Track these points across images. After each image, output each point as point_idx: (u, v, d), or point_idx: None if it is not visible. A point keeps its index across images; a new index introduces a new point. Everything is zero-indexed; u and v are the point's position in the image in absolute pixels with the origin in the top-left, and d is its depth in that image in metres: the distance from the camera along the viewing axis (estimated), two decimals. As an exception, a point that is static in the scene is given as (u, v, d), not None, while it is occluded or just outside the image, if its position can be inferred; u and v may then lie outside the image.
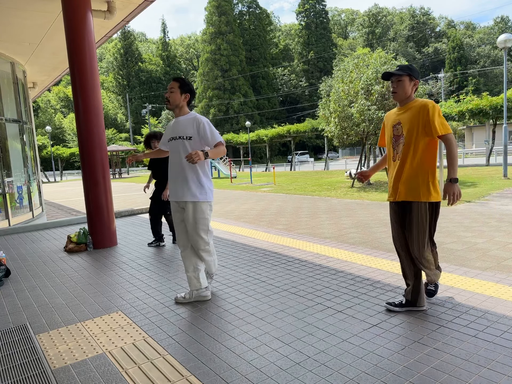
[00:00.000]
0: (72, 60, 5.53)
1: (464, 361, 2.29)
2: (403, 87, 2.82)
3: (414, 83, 2.83)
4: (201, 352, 2.58)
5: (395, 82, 2.83)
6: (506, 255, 4.52)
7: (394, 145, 2.93)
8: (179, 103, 3.24)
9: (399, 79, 2.82)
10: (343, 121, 13.19)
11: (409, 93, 2.83)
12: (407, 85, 2.81)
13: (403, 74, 2.80)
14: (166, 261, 4.82)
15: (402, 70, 2.82)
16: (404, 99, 2.86)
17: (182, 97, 3.23)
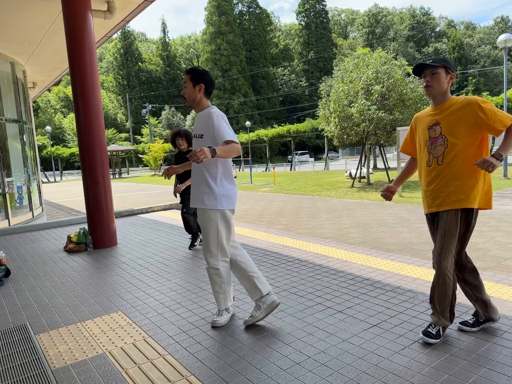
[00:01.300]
0: (72, 60, 5.53)
1: (464, 361, 2.29)
2: (439, 80, 2.52)
3: (450, 77, 2.56)
4: (201, 352, 2.58)
5: (429, 75, 2.55)
6: (506, 255, 4.52)
7: (430, 148, 2.60)
8: (194, 97, 2.86)
9: (434, 71, 2.53)
10: (343, 121, 13.19)
11: (445, 87, 2.55)
12: (443, 78, 2.53)
13: (439, 65, 2.52)
14: (166, 261, 4.82)
15: (437, 62, 2.55)
16: (440, 94, 2.56)
17: (196, 89, 2.85)
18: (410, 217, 7.20)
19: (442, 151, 2.54)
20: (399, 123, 12.50)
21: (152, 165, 33.97)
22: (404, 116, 12.56)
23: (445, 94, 2.58)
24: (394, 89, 12.46)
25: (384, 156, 16.33)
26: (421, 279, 3.67)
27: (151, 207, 9.27)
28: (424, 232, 5.89)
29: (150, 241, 6.05)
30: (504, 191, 10.00)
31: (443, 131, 2.54)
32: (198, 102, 2.88)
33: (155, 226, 7.26)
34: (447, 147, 2.52)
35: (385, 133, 13.08)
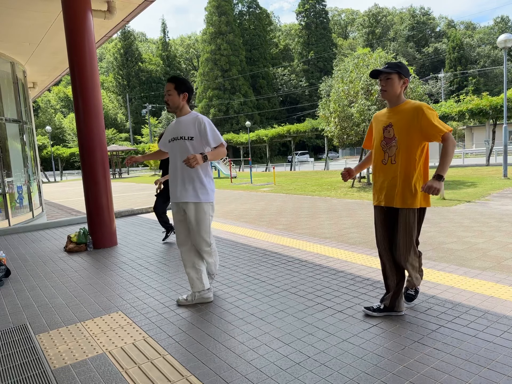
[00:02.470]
0: (72, 60, 5.53)
1: (464, 361, 2.29)
2: (392, 85, 2.71)
3: (403, 81, 2.74)
4: (201, 352, 2.58)
5: (384, 80, 2.73)
6: (506, 255, 4.52)
7: (385, 147, 2.81)
8: (178, 104, 3.16)
9: (388, 77, 2.72)
10: (343, 121, 13.19)
11: (398, 92, 2.74)
12: (396, 83, 2.71)
13: (392, 72, 2.69)
14: (166, 261, 4.82)
15: (390, 67, 2.71)
16: (394, 98, 2.76)
17: (181, 97, 3.15)
18: (410, 217, 7.19)
19: (394, 151, 2.76)
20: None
21: (152, 165, 33.95)
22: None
23: (398, 98, 2.77)
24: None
25: (384, 156, 16.30)
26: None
27: (151, 207, 9.26)
28: (424, 232, 5.89)
29: (150, 241, 6.05)
30: (504, 191, 10.00)
31: (395, 133, 2.75)
32: (182, 108, 3.19)
33: (155, 226, 7.26)
34: (397, 148, 2.75)
35: (385, 133, 13.07)
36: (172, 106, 3.15)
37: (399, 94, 2.75)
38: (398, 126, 2.73)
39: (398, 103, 2.78)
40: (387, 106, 2.87)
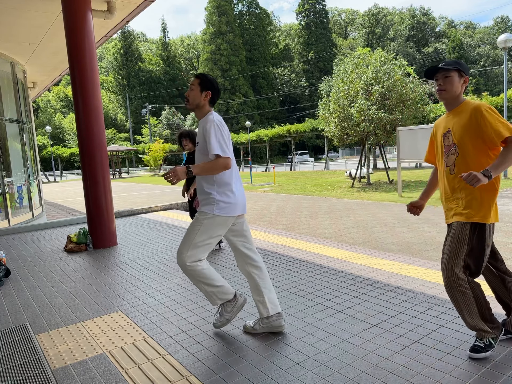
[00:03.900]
0: (72, 60, 5.53)
1: (464, 361, 2.29)
2: (452, 83, 2.40)
3: (464, 80, 2.45)
4: (201, 352, 2.58)
5: (442, 78, 2.44)
6: (506, 255, 4.52)
7: (444, 157, 2.49)
8: (199, 102, 2.74)
9: (447, 75, 2.42)
10: (343, 121, 13.19)
11: (458, 91, 2.43)
12: (457, 81, 2.42)
13: (451, 69, 2.41)
14: (166, 261, 4.82)
15: (449, 64, 2.44)
16: (453, 98, 2.45)
17: (203, 95, 2.74)
18: (410, 217, 7.20)
19: (453, 160, 2.43)
20: (399, 123, 12.50)
21: (152, 165, 33.98)
22: (404, 116, 12.57)
23: (457, 98, 2.46)
24: (394, 89, 12.47)
25: (384, 156, 16.34)
26: (421, 279, 3.67)
27: (151, 207, 9.27)
28: (424, 232, 5.89)
29: (150, 241, 6.05)
30: (504, 191, 10.00)
31: (454, 139, 2.43)
32: (201, 107, 2.77)
33: (155, 226, 7.26)
34: (457, 155, 2.41)
35: (385, 133, 13.09)
36: (192, 102, 2.76)
37: (459, 95, 2.46)
38: (457, 130, 2.42)
39: (456, 104, 2.47)
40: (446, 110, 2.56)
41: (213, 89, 2.77)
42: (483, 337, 2.35)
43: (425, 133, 9.84)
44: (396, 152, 13.00)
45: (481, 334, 2.34)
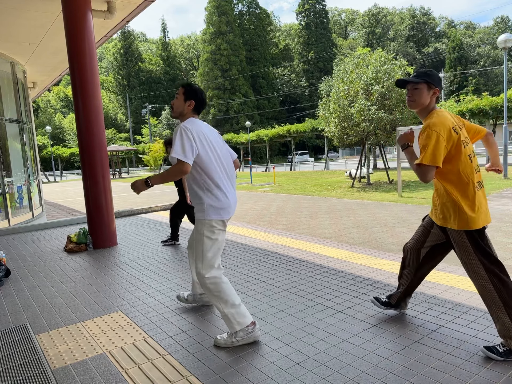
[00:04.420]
0: (72, 60, 5.53)
1: (464, 361, 2.29)
2: (420, 95, 2.44)
3: (433, 92, 2.45)
4: (201, 352, 2.58)
5: (411, 90, 2.48)
6: (506, 255, 4.52)
7: None
8: (182, 110, 2.82)
9: (415, 87, 2.46)
10: (343, 121, 13.19)
11: (427, 103, 2.45)
12: (425, 93, 2.44)
13: (420, 81, 2.44)
14: (166, 261, 4.82)
15: (418, 76, 2.47)
16: (422, 109, 2.48)
17: (186, 104, 2.81)
18: (410, 217, 7.20)
19: None
20: (399, 123, 12.51)
21: (152, 165, 33.98)
22: (404, 116, 12.56)
23: (427, 109, 2.48)
24: (394, 89, 12.47)
25: (384, 156, 16.34)
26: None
27: (151, 207, 9.27)
28: (424, 232, 5.89)
29: (150, 241, 6.05)
30: (504, 191, 10.00)
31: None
32: (184, 115, 2.84)
33: (155, 226, 7.26)
34: None
35: (385, 133, 13.09)
36: (176, 110, 2.86)
37: (429, 105, 2.47)
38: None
39: (427, 114, 2.49)
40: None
41: (196, 99, 2.83)
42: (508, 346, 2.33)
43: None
44: (396, 152, 13.00)
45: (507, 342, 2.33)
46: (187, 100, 2.82)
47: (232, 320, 2.62)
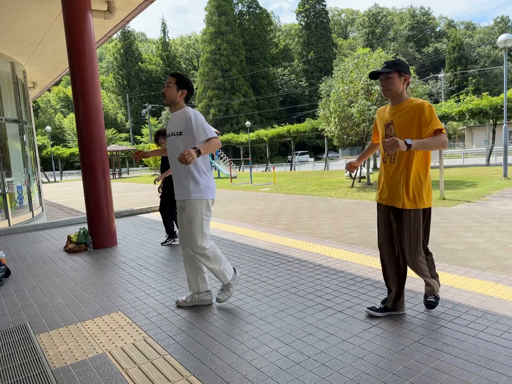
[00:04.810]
0: (72, 60, 5.53)
1: (464, 361, 2.29)
2: (393, 83, 2.70)
3: (404, 78, 2.72)
4: (201, 352, 2.58)
5: (384, 80, 2.72)
6: (506, 255, 4.52)
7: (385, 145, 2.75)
8: (175, 98, 3.09)
9: (388, 76, 2.70)
10: (343, 121, 13.19)
11: (400, 89, 2.72)
12: (397, 81, 2.70)
13: (391, 71, 2.69)
14: (166, 261, 4.82)
15: (389, 67, 2.70)
16: (396, 96, 2.74)
17: (179, 93, 3.09)
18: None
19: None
20: (399, 123, 12.49)
21: (152, 165, 33.97)
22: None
23: (401, 95, 2.75)
24: (394, 89, 12.46)
25: (384, 156, 16.30)
26: (421, 279, 3.67)
27: (151, 207, 9.27)
28: (424, 232, 5.89)
29: (150, 241, 6.05)
30: (504, 191, 10.00)
31: (395, 131, 2.75)
32: (176, 104, 3.13)
33: (155, 226, 7.26)
34: None
35: (385, 133, 13.07)
36: (168, 98, 3.10)
37: (402, 92, 2.74)
38: (399, 124, 2.72)
39: (400, 101, 2.75)
40: (390, 103, 2.84)
41: (188, 88, 3.14)
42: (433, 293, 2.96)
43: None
44: (396, 152, 12.97)
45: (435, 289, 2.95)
46: (179, 89, 3.10)
47: (226, 274, 3.25)
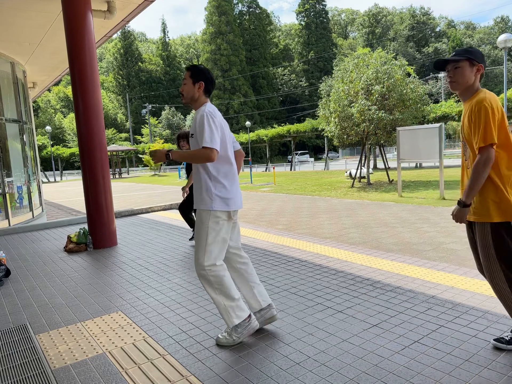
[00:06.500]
0: (72, 60, 5.53)
1: (464, 361, 2.28)
2: (462, 74, 2.28)
3: (477, 68, 2.29)
4: (201, 352, 2.58)
5: (452, 70, 2.31)
6: (506, 255, 4.51)
7: (464, 149, 2.41)
8: (193, 94, 2.70)
9: (456, 65, 2.29)
10: (343, 121, 13.19)
11: (472, 81, 2.29)
12: (468, 71, 2.27)
13: (461, 59, 2.27)
14: (166, 261, 4.82)
15: (458, 54, 2.30)
16: (466, 89, 2.31)
17: (196, 86, 2.69)
18: (410, 217, 7.20)
19: (468, 154, 2.36)
20: (399, 123, 12.50)
21: (152, 165, 33.97)
22: (404, 116, 12.56)
23: (470, 89, 2.31)
24: (394, 89, 12.46)
25: (384, 156, 16.33)
26: (421, 279, 3.67)
27: (151, 207, 9.27)
28: (424, 232, 5.89)
29: (150, 241, 6.05)
30: (504, 191, 9.99)
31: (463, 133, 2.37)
32: (196, 99, 2.72)
33: (155, 226, 7.26)
34: (466, 149, 2.36)
35: (385, 133, 13.08)
36: (186, 96, 2.72)
37: (473, 84, 2.30)
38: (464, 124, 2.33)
39: (471, 94, 2.32)
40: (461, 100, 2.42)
41: (205, 79, 2.71)
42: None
43: (425, 133, 9.84)
44: (396, 152, 13.00)
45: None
46: (195, 83, 2.70)
47: (232, 313, 2.60)
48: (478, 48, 41.49)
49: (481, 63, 2.29)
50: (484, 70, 2.32)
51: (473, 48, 2.33)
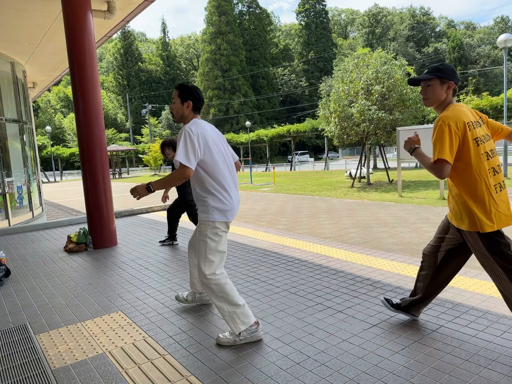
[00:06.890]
0: (72, 60, 5.53)
1: (464, 361, 2.29)
2: (433, 92, 2.39)
3: (447, 85, 2.37)
4: (201, 352, 2.58)
5: (424, 87, 2.43)
6: (506, 255, 4.51)
7: None
8: (182, 113, 2.79)
9: (428, 83, 2.40)
10: (343, 121, 13.19)
11: (443, 98, 2.38)
12: (439, 89, 2.37)
13: (432, 77, 2.38)
14: (166, 261, 4.82)
15: (430, 73, 2.40)
16: (439, 105, 2.42)
17: (184, 105, 2.77)
18: (410, 217, 7.20)
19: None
20: (399, 123, 12.51)
21: (152, 165, 33.97)
22: (404, 116, 12.57)
23: (442, 104, 2.41)
24: (394, 89, 12.47)
25: (384, 156, 16.34)
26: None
27: (151, 207, 9.27)
28: (424, 232, 5.89)
29: (150, 241, 6.05)
30: (504, 191, 9.99)
31: None
32: (186, 117, 2.80)
33: (155, 226, 7.26)
34: None
35: (385, 133, 13.09)
36: (176, 115, 2.82)
37: (444, 101, 2.40)
38: None
39: (442, 109, 2.43)
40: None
41: (192, 98, 2.78)
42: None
43: (425, 133, 9.82)
44: (396, 152, 13.00)
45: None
46: (184, 102, 2.78)
47: (237, 320, 2.61)
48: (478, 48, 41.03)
49: (451, 80, 2.37)
50: (456, 86, 2.40)
51: (445, 65, 2.40)
